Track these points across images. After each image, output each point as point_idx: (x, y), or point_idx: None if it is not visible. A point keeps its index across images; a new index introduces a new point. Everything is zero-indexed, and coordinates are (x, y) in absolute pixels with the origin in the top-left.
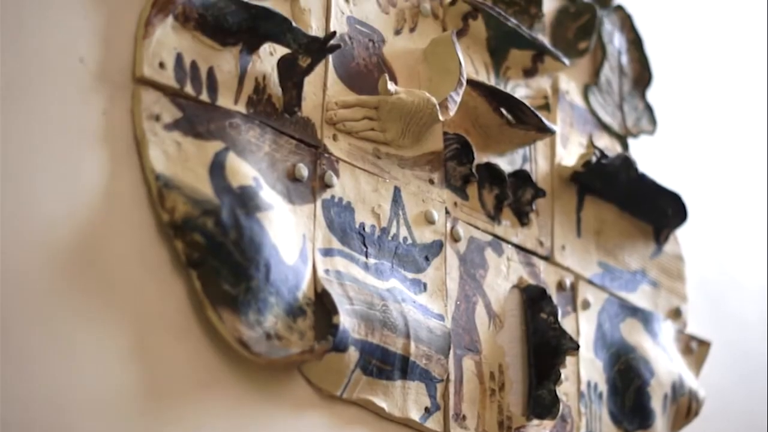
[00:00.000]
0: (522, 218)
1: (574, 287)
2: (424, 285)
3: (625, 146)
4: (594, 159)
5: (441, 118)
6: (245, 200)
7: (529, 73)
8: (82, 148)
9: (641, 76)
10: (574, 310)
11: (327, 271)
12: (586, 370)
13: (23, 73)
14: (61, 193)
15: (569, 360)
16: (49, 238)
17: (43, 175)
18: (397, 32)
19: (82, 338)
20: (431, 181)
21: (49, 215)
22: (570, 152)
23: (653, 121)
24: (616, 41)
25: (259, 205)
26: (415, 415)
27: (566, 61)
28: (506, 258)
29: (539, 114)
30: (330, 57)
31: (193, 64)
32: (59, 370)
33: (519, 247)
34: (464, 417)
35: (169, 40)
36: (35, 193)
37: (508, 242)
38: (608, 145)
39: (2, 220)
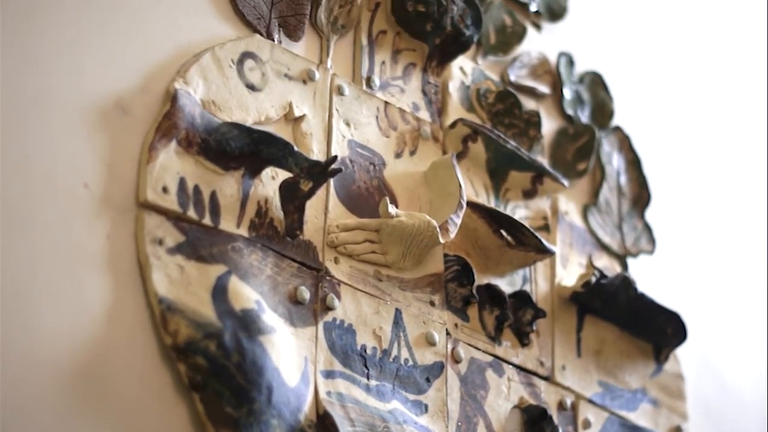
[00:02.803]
0: (522, 339)
1: (574, 407)
2: (426, 406)
3: (624, 266)
4: (593, 279)
5: (441, 240)
6: (247, 323)
7: (529, 194)
8: (86, 271)
9: (640, 196)
10: (576, 429)
11: (329, 393)
12: None
13: (29, 197)
14: (64, 315)
15: None
16: (52, 360)
17: (47, 298)
18: (398, 155)
19: None
20: (432, 303)
21: (53, 338)
22: (570, 272)
23: (652, 240)
24: (614, 162)
25: (261, 328)
26: None
27: (565, 182)
28: (507, 378)
29: (539, 235)
30: (331, 180)
31: (196, 189)
32: None
33: (520, 368)
34: None
35: (173, 165)
36: (39, 316)
37: (508, 363)
38: (608, 265)
39: (6, 342)
